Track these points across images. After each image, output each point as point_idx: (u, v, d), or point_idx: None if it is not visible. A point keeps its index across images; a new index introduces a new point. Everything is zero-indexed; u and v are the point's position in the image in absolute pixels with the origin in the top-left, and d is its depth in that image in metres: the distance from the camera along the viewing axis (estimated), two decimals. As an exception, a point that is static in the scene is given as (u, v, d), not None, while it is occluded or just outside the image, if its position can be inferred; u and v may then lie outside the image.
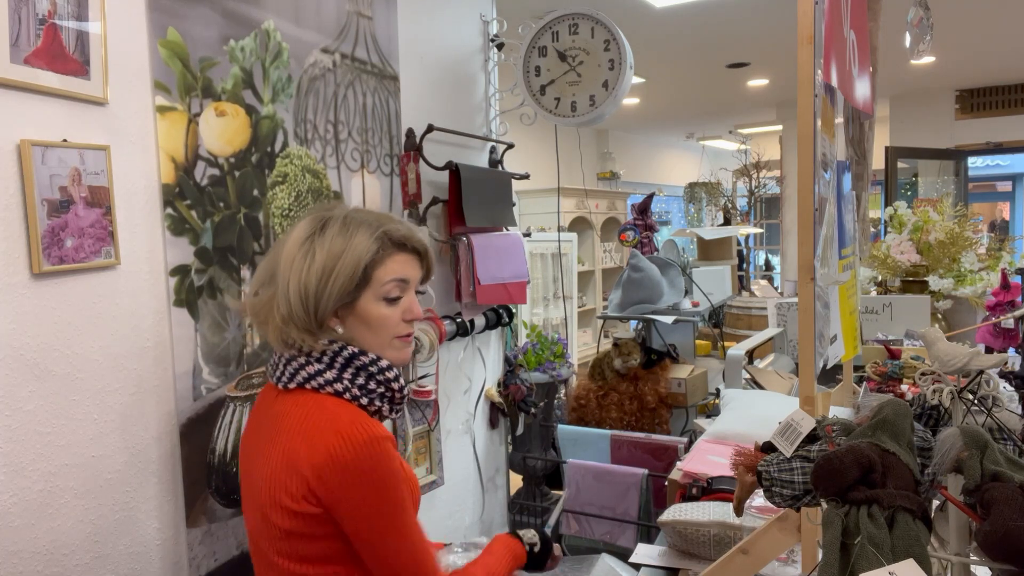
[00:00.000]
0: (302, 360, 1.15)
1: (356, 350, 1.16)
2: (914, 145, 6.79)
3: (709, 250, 5.64)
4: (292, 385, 1.14)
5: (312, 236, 1.15)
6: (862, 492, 0.80)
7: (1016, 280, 3.09)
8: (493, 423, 2.64)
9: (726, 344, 3.49)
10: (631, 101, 6.83)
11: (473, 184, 2.21)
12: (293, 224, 1.21)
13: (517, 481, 2.92)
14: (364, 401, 1.15)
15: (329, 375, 1.14)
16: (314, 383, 1.13)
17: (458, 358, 2.40)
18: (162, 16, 1.40)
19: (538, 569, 1.38)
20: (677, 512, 1.66)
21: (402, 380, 1.21)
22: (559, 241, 4.01)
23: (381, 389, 1.17)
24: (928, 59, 5.50)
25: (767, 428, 1.04)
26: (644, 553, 1.72)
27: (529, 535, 1.37)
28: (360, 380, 1.15)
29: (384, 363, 1.18)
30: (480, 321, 2.37)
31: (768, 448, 1.01)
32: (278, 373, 1.17)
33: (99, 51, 1.28)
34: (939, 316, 3.55)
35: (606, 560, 2.05)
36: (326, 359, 1.15)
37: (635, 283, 3.27)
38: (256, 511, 1.14)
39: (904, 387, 2.09)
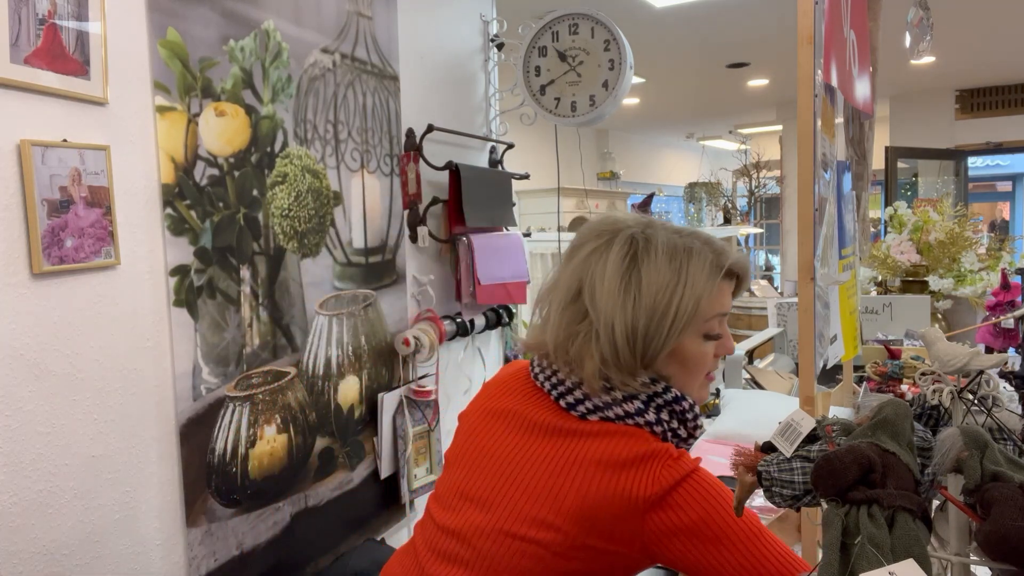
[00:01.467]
0: (611, 398, 1.02)
1: (679, 394, 1.04)
2: (914, 145, 6.79)
3: (709, 250, 5.63)
4: (594, 417, 1.02)
5: (633, 263, 1.01)
6: (862, 492, 0.80)
7: (1016, 280, 3.09)
8: (493, 423, 2.64)
9: (726, 344, 3.49)
10: (631, 101, 6.83)
11: (473, 184, 2.21)
12: (584, 239, 1.06)
13: (517, 481, 2.92)
14: (683, 434, 1.06)
15: (650, 416, 1.02)
16: (628, 421, 1.01)
17: (458, 358, 2.40)
18: (162, 16, 1.40)
19: None
20: (677, 512, 1.66)
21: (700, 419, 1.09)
22: (559, 241, 4.01)
23: (684, 433, 1.05)
24: (928, 59, 5.50)
25: (767, 428, 1.04)
26: (644, 553, 1.71)
27: None
28: (673, 423, 1.04)
29: (697, 408, 1.06)
30: (480, 321, 2.37)
31: (768, 448, 1.00)
32: (570, 400, 1.04)
33: (99, 51, 1.28)
34: (939, 316, 3.55)
35: None
36: (641, 399, 1.02)
37: (635, 283, 3.27)
38: (513, 498, 1.02)
39: (904, 387, 2.09)
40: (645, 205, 3.81)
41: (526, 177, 2.62)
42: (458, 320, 2.24)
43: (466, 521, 1.05)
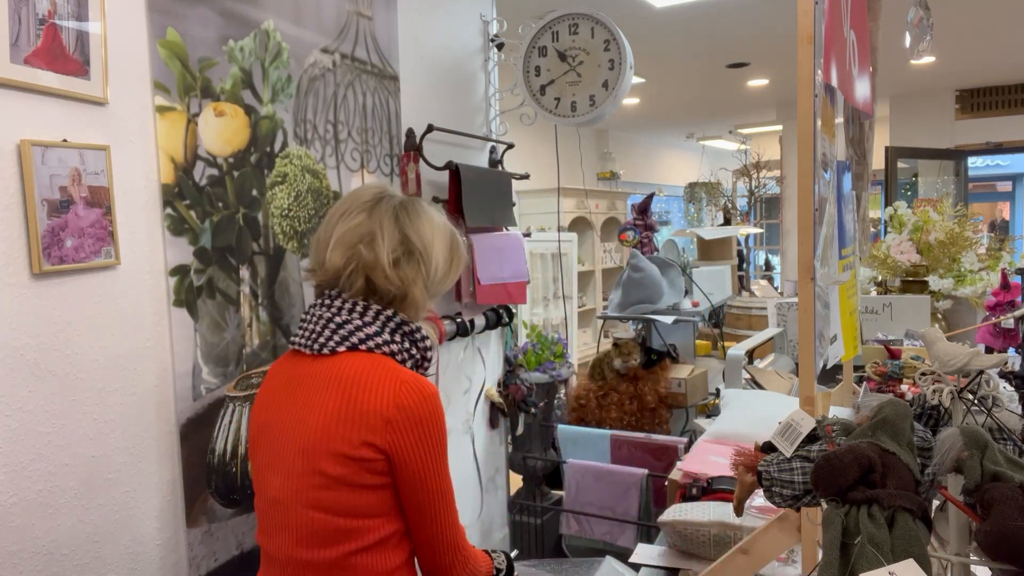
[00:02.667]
0: (353, 325, 1.17)
1: (404, 317, 1.23)
2: (914, 145, 6.79)
3: (709, 250, 5.64)
4: (342, 348, 1.17)
5: (453, 233, 1.31)
6: (862, 492, 0.80)
7: (1016, 280, 3.09)
8: (493, 423, 2.64)
9: (726, 344, 3.49)
10: (631, 101, 6.83)
11: (473, 184, 2.21)
12: (419, 208, 1.26)
13: (517, 481, 2.92)
14: (409, 365, 1.22)
15: (385, 337, 1.19)
16: (369, 344, 1.17)
17: (458, 358, 2.40)
18: (162, 16, 1.40)
19: None
20: (677, 512, 1.66)
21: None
22: (559, 241, 4.01)
23: (417, 355, 1.24)
24: (928, 59, 5.50)
25: (767, 428, 1.04)
26: (644, 553, 1.72)
27: (499, 559, 1.35)
28: (406, 344, 1.22)
29: (424, 331, 1.26)
30: (480, 321, 2.37)
31: (768, 448, 1.01)
32: (322, 339, 1.18)
33: (99, 51, 1.28)
34: (939, 316, 3.55)
35: (611, 563, 2.04)
36: (378, 324, 1.19)
37: (635, 283, 3.27)
38: (292, 466, 1.14)
39: (904, 387, 2.09)
40: (645, 205, 3.81)
41: (526, 177, 2.62)
42: (458, 320, 2.24)
43: None
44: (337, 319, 1.18)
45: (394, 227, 1.21)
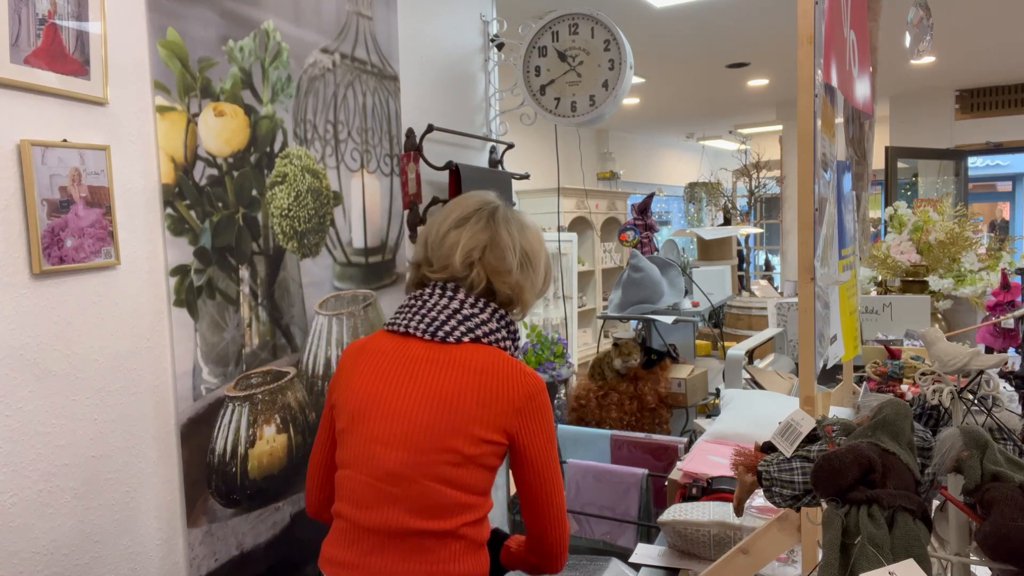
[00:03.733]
0: (479, 319, 1.29)
1: (512, 317, 1.37)
2: (914, 145, 6.79)
3: (709, 250, 5.64)
4: (467, 338, 1.27)
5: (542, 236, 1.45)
6: (862, 492, 0.80)
7: (1016, 280, 3.09)
8: (493, 423, 2.64)
9: (726, 344, 3.49)
10: (631, 101, 6.83)
11: (473, 184, 2.20)
12: (519, 217, 1.39)
13: (517, 481, 2.92)
14: (512, 352, 1.34)
15: (503, 333, 1.32)
16: (492, 338, 1.29)
17: (458, 358, 2.40)
18: (162, 16, 1.40)
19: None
20: (677, 512, 1.66)
21: None
22: (559, 241, 4.01)
23: (515, 351, 1.36)
24: (928, 59, 5.50)
25: (767, 428, 1.04)
26: (644, 553, 1.71)
27: None
28: (512, 341, 1.35)
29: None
30: (480, 321, 2.36)
31: (768, 448, 1.01)
32: (447, 328, 1.27)
33: (99, 51, 1.28)
34: (939, 316, 3.55)
35: (618, 566, 2.04)
36: (495, 321, 1.31)
37: (635, 283, 3.27)
38: (420, 442, 1.21)
39: (904, 387, 2.09)
40: (645, 205, 3.81)
41: (526, 177, 2.62)
42: (458, 320, 2.24)
43: None
44: (463, 312, 1.29)
45: (511, 238, 1.35)
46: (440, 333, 1.27)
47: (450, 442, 1.20)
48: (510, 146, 2.60)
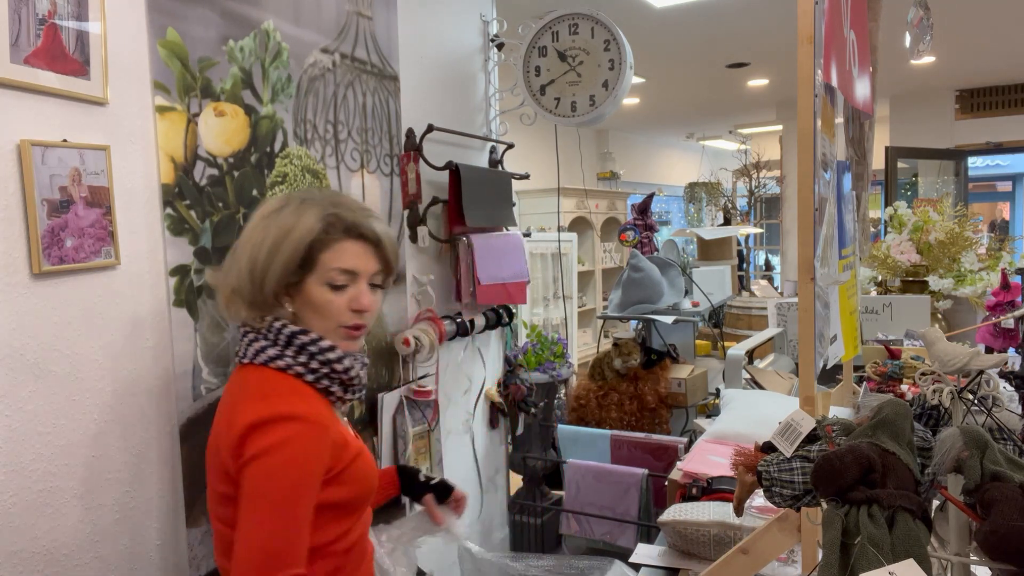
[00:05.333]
0: (252, 336, 1.19)
1: (297, 329, 1.18)
2: (914, 145, 6.79)
3: (709, 250, 5.64)
4: (246, 360, 1.18)
5: (272, 213, 1.18)
6: (862, 492, 0.80)
7: (1016, 280, 3.09)
8: (493, 423, 2.64)
9: (726, 344, 3.49)
10: (631, 101, 6.83)
11: (473, 184, 2.21)
12: (264, 200, 1.25)
13: (517, 481, 2.93)
14: (309, 378, 1.17)
15: (272, 351, 1.16)
16: (261, 358, 1.16)
17: (458, 358, 2.40)
18: (162, 16, 1.40)
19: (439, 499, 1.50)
20: (677, 512, 1.66)
21: (349, 363, 1.20)
22: (559, 241, 4.01)
23: (325, 370, 1.18)
24: (928, 59, 5.50)
25: (767, 428, 1.04)
26: (644, 553, 1.72)
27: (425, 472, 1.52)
28: (302, 358, 1.17)
29: (325, 343, 1.18)
30: (480, 321, 2.37)
31: (768, 448, 1.01)
32: (240, 349, 1.21)
33: (99, 51, 1.28)
34: (939, 316, 3.55)
35: (620, 568, 2.04)
36: (271, 336, 1.17)
37: (635, 283, 3.27)
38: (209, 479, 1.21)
39: (904, 387, 2.09)
40: (645, 205, 3.81)
41: (526, 177, 2.62)
42: (458, 320, 2.24)
43: None
44: (244, 326, 1.22)
45: None
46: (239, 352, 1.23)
47: (211, 479, 1.19)
48: (510, 146, 2.60)
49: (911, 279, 3.65)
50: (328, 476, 1.12)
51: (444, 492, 1.50)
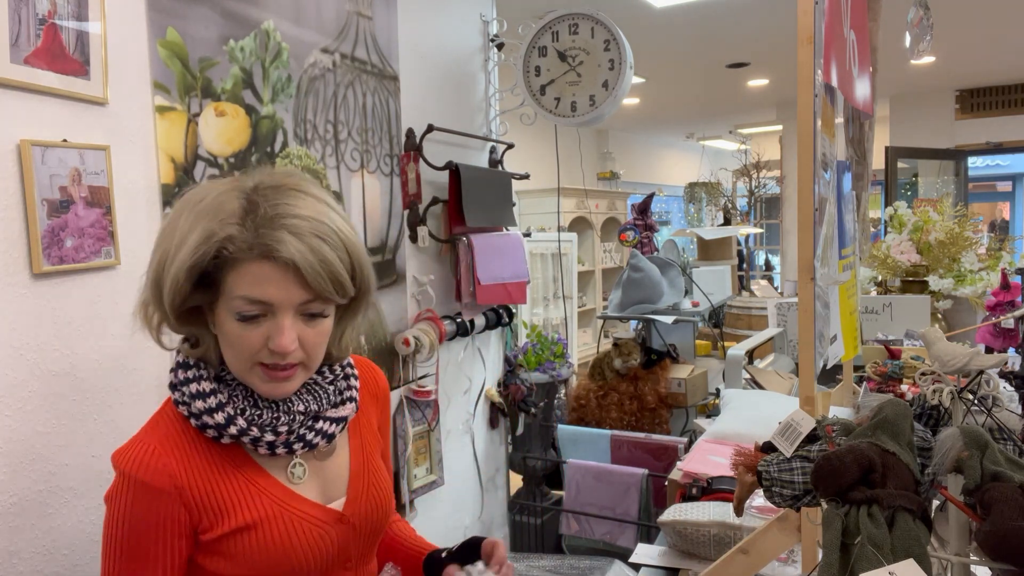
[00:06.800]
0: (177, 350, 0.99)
1: (184, 360, 0.96)
2: (914, 145, 6.79)
3: (709, 250, 5.64)
4: None
5: (193, 204, 0.90)
6: (862, 492, 0.80)
7: (1016, 280, 3.09)
8: (493, 423, 2.64)
9: (726, 344, 3.49)
10: (631, 101, 6.83)
11: (473, 184, 2.21)
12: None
13: (517, 481, 2.93)
14: (193, 423, 0.93)
15: (171, 377, 0.95)
16: (169, 379, 0.96)
17: (458, 358, 2.40)
18: (162, 16, 1.40)
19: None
20: (677, 512, 1.66)
21: (242, 422, 0.93)
22: (559, 241, 4.01)
23: (198, 421, 0.93)
24: (928, 59, 5.50)
25: (767, 428, 1.04)
26: (644, 553, 1.71)
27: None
28: (188, 391, 0.94)
29: (197, 388, 0.93)
30: (480, 321, 2.37)
31: (768, 448, 1.01)
32: None
33: (99, 51, 1.28)
34: (939, 316, 3.55)
35: (620, 567, 2.04)
36: (176, 360, 0.97)
37: (635, 283, 3.27)
38: None
39: (904, 387, 2.09)
40: (645, 205, 3.81)
41: (526, 177, 2.62)
42: (458, 320, 2.25)
43: None
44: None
45: None
46: None
47: None
48: (510, 146, 2.60)
49: (911, 279, 3.64)
50: (199, 538, 0.93)
51: (470, 552, 1.09)
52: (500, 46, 2.59)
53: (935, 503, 0.92)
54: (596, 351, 3.42)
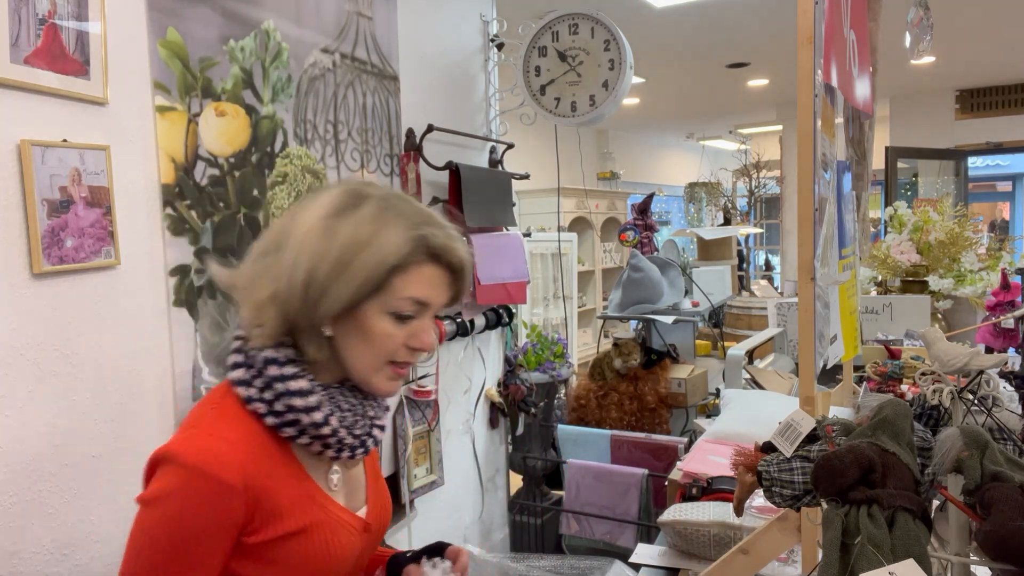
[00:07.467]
0: (237, 345, 0.96)
1: (273, 356, 0.92)
2: (914, 145, 6.79)
3: (709, 250, 5.64)
4: (226, 376, 0.96)
5: (339, 212, 0.91)
6: (862, 492, 0.80)
7: (1016, 280, 3.09)
8: (493, 423, 2.64)
9: (726, 344, 3.49)
10: (631, 101, 6.83)
11: (473, 184, 2.21)
12: (319, 192, 0.97)
13: (517, 481, 2.92)
14: (270, 422, 0.91)
15: (241, 374, 0.93)
16: (232, 376, 0.94)
17: (458, 358, 2.40)
18: (162, 16, 1.40)
19: None
20: (677, 512, 1.66)
21: (323, 418, 0.92)
22: (559, 241, 4.01)
23: (290, 416, 0.91)
24: (928, 59, 5.50)
25: (767, 428, 1.04)
26: (644, 553, 1.71)
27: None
28: (268, 395, 0.91)
29: (298, 385, 0.91)
30: (480, 321, 2.37)
31: (768, 448, 1.01)
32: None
33: (99, 51, 1.28)
34: (939, 316, 3.55)
35: (621, 568, 2.04)
36: (248, 356, 0.94)
37: (635, 283, 3.27)
38: None
39: (904, 387, 2.09)
40: (645, 205, 3.81)
41: (526, 177, 2.62)
42: (458, 320, 2.24)
43: None
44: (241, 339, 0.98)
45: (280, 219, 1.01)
46: None
47: None
48: (510, 146, 2.60)
49: (911, 279, 3.64)
50: (243, 542, 0.90)
51: (434, 555, 1.09)
52: (500, 46, 2.59)
53: (935, 503, 0.92)
54: (596, 351, 3.41)
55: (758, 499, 1.53)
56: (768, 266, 9.71)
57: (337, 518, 0.97)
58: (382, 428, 1.04)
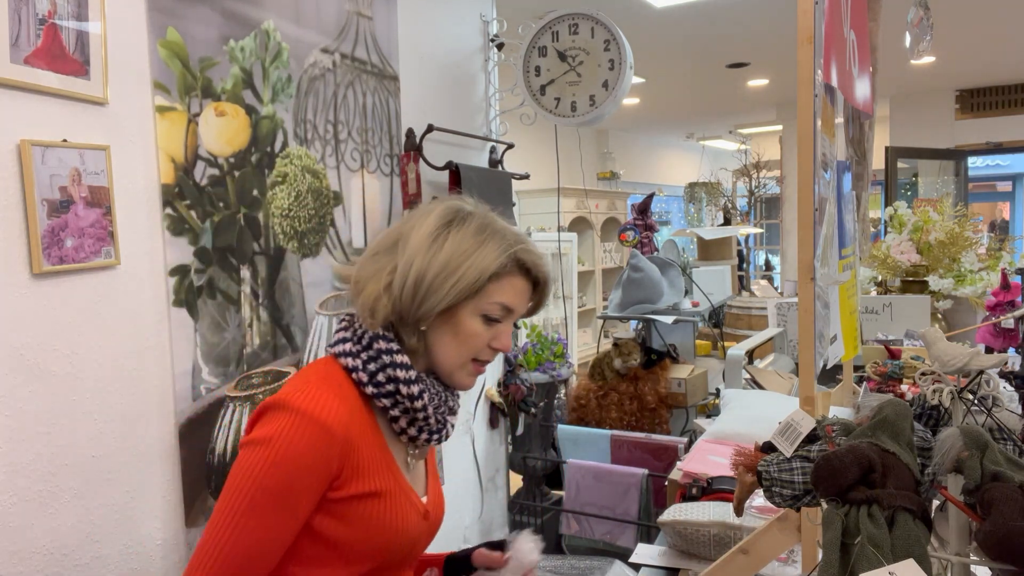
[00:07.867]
0: (345, 324, 1.08)
1: (380, 333, 1.04)
2: (914, 145, 6.79)
3: (709, 250, 5.64)
4: (330, 349, 1.08)
5: (448, 225, 1.06)
6: (862, 492, 0.80)
7: (1016, 280, 3.09)
8: (493, 423, 2.64)
9: (726, 344, 3.49)
10: (631, 101, 6.83)
11: (473, 184, 2.21)
12: (428, 206, 1.11)
13: (517, 481, 2.92)
14: (370, 391, 1.02)
15: (348, 347, 1.04)
16: (337, 349, 1.05)
17: (458, 358, 2.40)
18: (162, 16, 1.40)
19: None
20: (677, 512, 1.66)
21: (419, 390, 1.04)
22: (559, 241, 4.00)
23: (390, 387, 1.02)
24: (928, 59, 5.50)
25: (767, 428, 1.04)
26: (644, 553, 1.71)
27: None
28: (372, 366, 1.03)
29: (403, 359, 1.04)
30: (480, 321, 2.36)
31: (768, 448, 1.00)
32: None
33: (99, 51, 1.28)
34: (939, 316, 3.55)
35: (621, 568, 2.04)
36: (357, 333, 1.06)
37: (635, 283, 3.27)
38: None
39: (904, 387, 2.08)
40: (645, 205, 3.81)
41: (526, 177, 2.62)
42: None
43: None
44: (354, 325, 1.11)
45: (400, 223, 1.13)
46: None
47: None
48: (510, 146, 2.60)
49: (911, 279, 3.64)
50: (327, 496, 0.97)
51: (497, 546, 1.18)
52: (500, 46, 2.59)
53: (935, 503, 0.92)
54: (596, 351, 3.41)
55: (758, 499, 1.53)
56: (768, 266, 9.71)
57: (406, 493, 1.06)
58: (454, 425, 1.14)
